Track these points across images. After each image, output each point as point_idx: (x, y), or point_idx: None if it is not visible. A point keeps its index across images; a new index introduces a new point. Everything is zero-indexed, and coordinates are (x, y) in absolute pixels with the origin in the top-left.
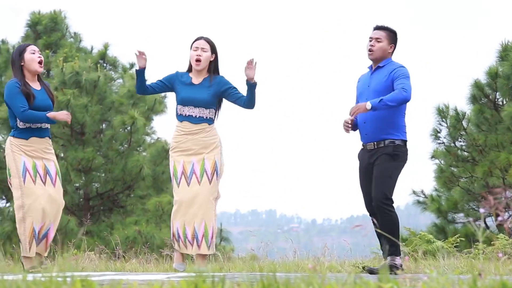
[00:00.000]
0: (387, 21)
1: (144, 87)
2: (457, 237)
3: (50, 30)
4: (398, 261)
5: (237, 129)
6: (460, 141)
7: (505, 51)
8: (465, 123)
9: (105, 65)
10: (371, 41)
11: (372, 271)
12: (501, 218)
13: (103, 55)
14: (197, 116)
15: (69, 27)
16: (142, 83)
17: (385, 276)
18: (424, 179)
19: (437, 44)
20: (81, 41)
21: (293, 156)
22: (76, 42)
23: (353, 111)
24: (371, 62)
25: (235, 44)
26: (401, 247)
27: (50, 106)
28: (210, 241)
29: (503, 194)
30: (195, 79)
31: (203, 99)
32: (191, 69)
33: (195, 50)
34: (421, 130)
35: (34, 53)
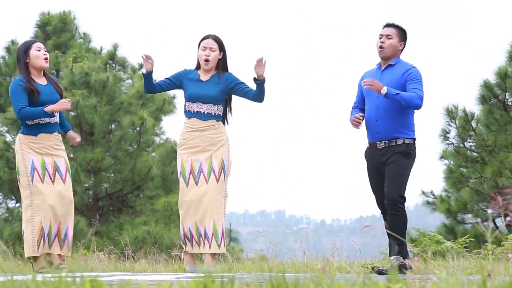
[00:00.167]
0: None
1: (151, 87)
2: (467, 238)
3: (59, 30)
4: (407, 260)
5: (246, 129)
6: (469, 142)
7: None
8: (474, 123)
9: (114, 65)
10: (381, 38)
11: (381, 272)
12: (510, 218)
13: (112, 56)
14: (205, 112)
15: (78, 28)
16: (149, 84)
17: (394, 276)
18: (433, 179)
19: (446, 44)
20: (90, 41)
21: (302, 156)
22: (85, 42)
23: (368, 82)
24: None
25: (240, 42)
26: (410, 247)
27: (57, 100)
28: (220, 240)
29: None
30: (204, 76)
31: (211, 95)
32: (199, 66)
33: (204, 49)
34: (430, 130)
35: (39, 50)
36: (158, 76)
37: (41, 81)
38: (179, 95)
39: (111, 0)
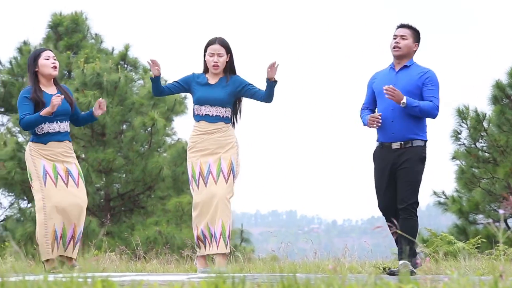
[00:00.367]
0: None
1: (159, 90)
2: (478, 238)
3: (71, 31)
4: (418, 261)
5: (258, 130)
6: (480, 142)
7: None
8: (485, 124)
9: (125, 66)
10: (396, 39)
11: (393, 273)
12: None
13: (123, 56)
14: (214, 115)
15: (90, 28)
16: (158, 88)
17: (405, 277)
18: (445, 180)
19: (457, 44)
20: (102, 42)
21: (313, 157)
22: (97, 43)
23: (390, 92)
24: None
25: (246, 42)
26: (422, 248)
27: (67, 110)
28: (227, 240)
29: None
30: (212, 80)
31: (219, 97)
32: (206, 70)
33: (211, 56)
34: (442, 131)
35: (48, 59)
36: (169, 76)
37: (50, 90)
38: (190, 96)
39: (123, 0)
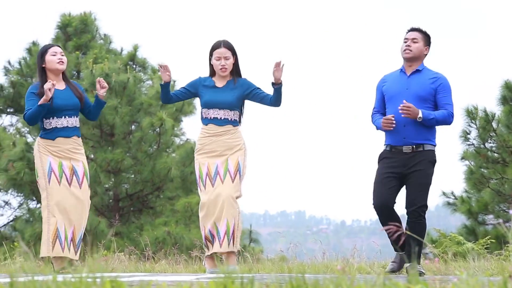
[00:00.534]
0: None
1: (168, 97)
2: (488, 239)
3: (80, 31)
4: (426, 262)
5: (266, 130)
6: (489, 143)
7: None
8: (494, 124)
9: (134, 66)
10: (407, 42)
11: (393, 271)
12: None
13: (132, 57)
14: (222, 118)
15: (99, 29)
16: (167, 94)
17: (414, 277)
18: (454, 180)
19: (466, 46)
20: (111, 42)
21: (322, 157)
22: (106, 43)
23: (406, 111)
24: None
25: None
26: (430, 248)
27: (75, 105)
28: (230, 238)
29: None
30: (219, 83)
31: (227, 101)
32: (213, 74)
33: (218, 59)
34: (451, 131)
35: (55, 55)
36: (178, 77)
37: (59, 85)
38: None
39: (131, 1)
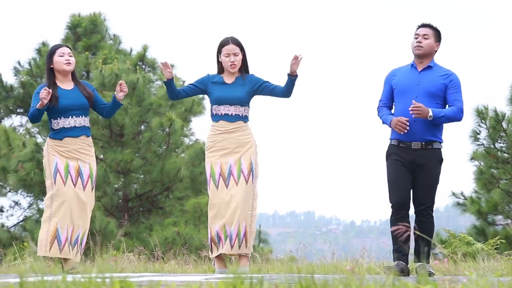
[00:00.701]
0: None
1: (175, 93)
2: (497, 239)
3: (89, 32)
4: (435, 262)
5: (275, 130)
6: (500, 143)
7: None
8: (505, 124)
9: (144, 67)
10: (418, 38)
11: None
12: None
13: (142, 57)
14: (233, 114)
15: (108, 29)
16: (173, 91)
17: (424, 277)
18: (463, 180)
19: (476, 45)
20: (120, 43)
21: (332, 157)
22: (115, 44)
23: (416, 111)
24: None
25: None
26: (440, 249)
27: (83, 104)
28: (241, 241)
29: None
30: (228, 79)
31: (238, 96)
32: (221, 71)
33: (227, 56)
34: (460, 131)
35: (62, 56)
36: (187, 77)
37: (67, 85)
38: (207, 96)
39: (141, 1)
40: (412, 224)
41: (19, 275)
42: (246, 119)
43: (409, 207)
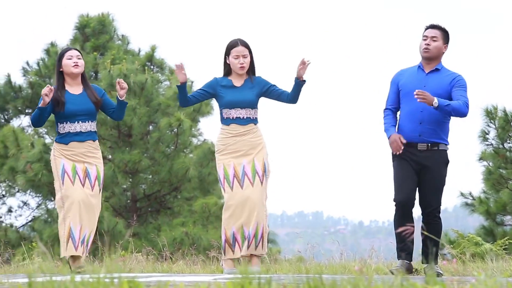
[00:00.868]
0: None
1: (187, 100)
2: (506, 240)
3: (98, 32)
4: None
5: (284, 130)
6: (509, 143)
7: None
8: None
9: (152, 67)
10: (427, 40)
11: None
12: None
13: (150, 57)
14: (245, 117)
15: (116, 30)
16: (185, 97)
17: (432, 278)
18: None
19: (484, 44)
20: (128, 43)
21: (340, 157)
22: (123, 44)
23: (422, 96)
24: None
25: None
26: (448, 249)
27: (89, 110)
28: (259, 241)
29: None
30: (236, 82)
31: (249, 99)
32: (228, 73)
33: (236, 58)
34: (469, 131)
35: (70, 58)
36: (196, 77)
37: (75, 89)
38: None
39: (149, 2)
40: (415, 223)
41: (27, 275)
42: (256, 121)
43: (413, 206)
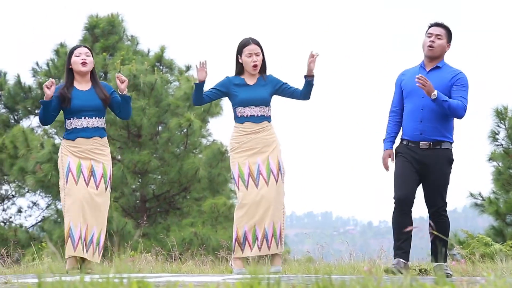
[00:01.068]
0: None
1: (201, 99)
2: None
3: (107, 33)
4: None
5: (293, 130)
6: None
7: None
8: None
9: (161, 67)
10: (431, 38)
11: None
12: None
13: (159, 58)
14: (259, 115)
15: (126, 30)
16: (200, 95)
17: (441, 278)
18: (481, 181)
19: (494, 43)
20: (138, 44)
21: (349, 158)
22: (133, 45)
23: (422, 82)
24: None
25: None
26: (458, 250)
27: (96, 106)
28: (278, 240)
29: None
30: (249, 80)
31: (262, 97)
32: (240, 72)
33: (249, 56)
34: (479, 132)
35: (79, 56)
36: (207, 77)
37: (84, 86)
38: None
39: (158, 2)
40: (414, 222)
41: (37, 275)
42: (269, 119)
43: (412, 204)
